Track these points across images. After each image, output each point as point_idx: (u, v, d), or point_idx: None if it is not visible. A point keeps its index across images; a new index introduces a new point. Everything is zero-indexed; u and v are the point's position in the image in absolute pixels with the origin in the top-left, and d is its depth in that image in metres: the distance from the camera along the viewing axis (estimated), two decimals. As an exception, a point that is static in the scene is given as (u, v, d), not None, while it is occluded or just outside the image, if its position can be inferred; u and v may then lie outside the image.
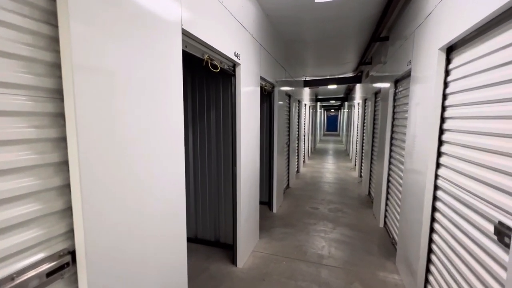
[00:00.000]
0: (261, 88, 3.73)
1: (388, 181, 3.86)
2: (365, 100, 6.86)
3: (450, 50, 1.97)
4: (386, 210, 3.92)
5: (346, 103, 14.91)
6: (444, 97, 2.02)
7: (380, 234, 3.70)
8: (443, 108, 2.03)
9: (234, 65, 2.63)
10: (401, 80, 3.40)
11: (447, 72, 2.01)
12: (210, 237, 3.37)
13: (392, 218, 3.51)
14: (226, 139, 3.15)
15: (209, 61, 2.10)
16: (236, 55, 2.50)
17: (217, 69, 2.23)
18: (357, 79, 7.33)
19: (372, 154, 5.37)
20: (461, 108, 1.80)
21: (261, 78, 3.47)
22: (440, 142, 2.06)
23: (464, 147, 1.74)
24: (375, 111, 5.33)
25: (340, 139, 20.40)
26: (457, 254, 1.74)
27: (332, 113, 31.29)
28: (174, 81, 1.58)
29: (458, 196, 1.76)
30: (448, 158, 1.95)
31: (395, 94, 3.70)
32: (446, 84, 2.01)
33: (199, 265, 2.88)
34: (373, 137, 5.36)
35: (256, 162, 3.33)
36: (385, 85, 4.05)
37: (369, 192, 5.60)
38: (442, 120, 2.04)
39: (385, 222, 3.94)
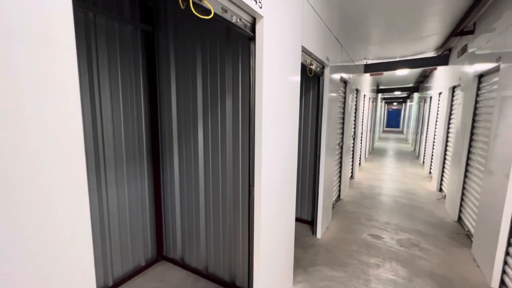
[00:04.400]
0: (304, 66, 2.58)
1: (513, 215, 2.33)
2: (453, 89, 5.01)
3: None
4: (506, 262, 2.41)
5: (415, 95, 12.33)
6: None
7: (495, 304, 2.24)
8: None
9: (254, 20, 1.57)
10: None
11: None
12: (223, 275, 2.45)
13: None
14: (244, 141, 2.13)
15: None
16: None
17: (209, 14, 1.21)
18: (441, 59, 5.44)
19: (469, 160, 3.71)
20: None
21: (304, 50, 2.32)
22: None
23: None
24: (476, 101, 3.62)
25: (404, 137, 17.44)
26: None
27: (394, 107, 27.41)
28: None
29: None
30: None
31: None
32: None
33: (199, 323, 1.98)
34: (471, 137, 3.67)
35: (291, 171, 2.24)
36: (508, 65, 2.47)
37: (460, 218, 3.94)
38: None
39: (502, 281, 2.43)
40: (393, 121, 27.63)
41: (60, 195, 0.70)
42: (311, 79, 3.57)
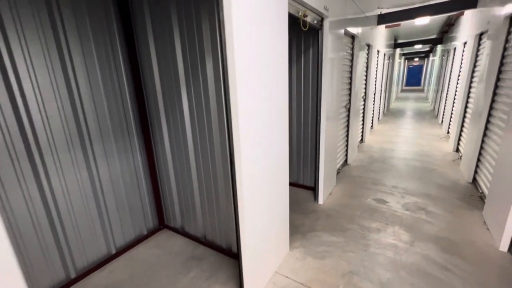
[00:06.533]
0: (296, 18, 2.27)
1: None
2: (480, 35, 4.39)
3: None
4: (517, 226, 2.24)
5: (438, 47, 11.16)
6: None
7: (503, 271, 2.14)
8: None
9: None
10: None
11: None
12: (220, 242, 2.49)
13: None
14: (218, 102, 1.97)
15: None
16: None
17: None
18: (469, 1, 4.70)
19: (490, 116, 3.36)
20: None
21: (293, -2, 2.00)
22: None
23: None
24: (505, 49, 3.14)
25: (425, 95, 16.33)
26: None
27: (416, 63, 25.33)
28: None
29: None
30: None
31: None
32: None
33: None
34: (494, 91, 3.27)
35: (280, 135, 2.09)
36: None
37: (474, 179, 3.71)
38: None
39: (512, 245, 2.30)
40: (414, 79, 25.76)
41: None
42: (310, 35, 3.21)
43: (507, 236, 2.28)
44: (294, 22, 2.59)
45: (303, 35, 3.26)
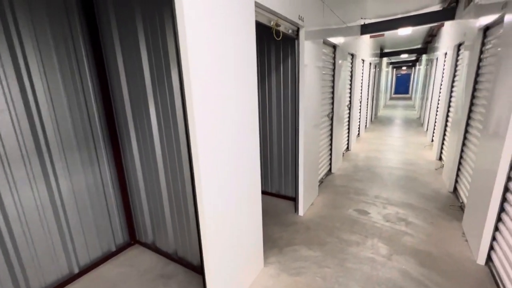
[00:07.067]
0: (268, 28, 2.23)
1: (509, 179, 2.07)
2: (459, 46, 4.48)
3: None
4: (494, 238, 2.20)
5: (423, 57, 11.44)
6: None
7: (480, 286, 2.08)
8: None
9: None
10: None
11: None
12: (192, 259, 2.36)
13: (506, 249, 1.85)
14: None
15: None
16: None
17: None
18: (447, 13, 4.81)
19: (468, 126, 3.38)
20: None
21: (260, 6, 1.96)
22: None
23: None
24: (480, 59, 3.18)
25: (412, 103, 16.65)
26: None
27: (404, 72, 25.94)
28: None
29: None
30: None
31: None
32: None
33: (160, 310, 1.92)
34: (471, 100, 3.30)
35: (249, 146, 2.02)
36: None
37: (455, 189, 3.70)
38: None
39: (489, 257, 2.25)
40: (402, 87, 26.35)
41: None
42: (288, 44, 3.19)
43: (484, 249, 2.23)
44: (266, 32, 2.56)
45: (281, 44, 3.24)
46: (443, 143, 5.03)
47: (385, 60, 13.06)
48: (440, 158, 5.11)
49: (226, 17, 1.55)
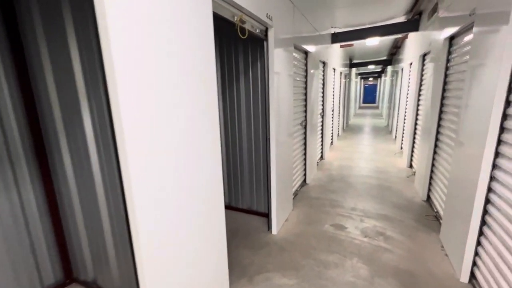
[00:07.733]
0: (231, 24, 1.94)
1: (489, 190, 1.94)
2: (423, 57, 4.59)
3: None
4: (477, 253, 2.06)
5: (389, 68, 12.03)
6: None
7: (464, 305, 1.90)
8: None
9: None
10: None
11: None
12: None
13: (490, 265, 1.69)
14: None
15: None
16: None
17: None
18: (412, 25, 4.96)
19: (438, 134, 3.36)
20: None
21: (223, -3, 1.67)
22: None
23: None
24: (447, 68, 3.19)
25: (379, 112, 17.45)
26: None
27: (371, 82, 27.42)
28: None
29: None
30: None
31: None
32: None
33: None
34: (441, 108, 3.29)
35: (211, 157, 1.68)
36: (483, 28, 1.96)
37: (429, 197, 3.65)
38: None
39: (473, 274, 2.10)
40: (370, 96, 27.77)
41: None
42: (258, 46, 2.94)
43: (467, 266, 2.08)
44: (231, 29, 2.28)
45: (250, 46, 2.98)
46: (413, 151, 5.09)
47: (354, 70, 13.56)
48: (411, 166, 5.15)
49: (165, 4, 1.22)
